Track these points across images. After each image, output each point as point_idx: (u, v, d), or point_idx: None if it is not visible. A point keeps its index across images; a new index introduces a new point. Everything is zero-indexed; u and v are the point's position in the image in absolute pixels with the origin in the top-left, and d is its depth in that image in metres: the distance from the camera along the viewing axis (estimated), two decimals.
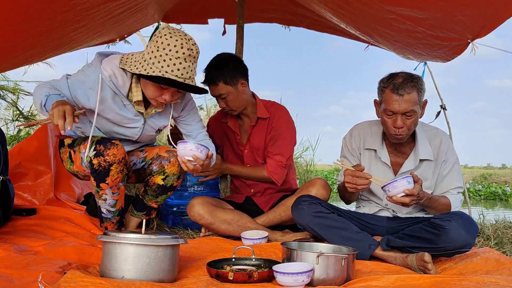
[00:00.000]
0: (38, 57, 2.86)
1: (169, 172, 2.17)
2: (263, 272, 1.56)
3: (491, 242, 2.44)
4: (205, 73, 2.49)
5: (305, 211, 2.09)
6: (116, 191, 2.07)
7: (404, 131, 2.01)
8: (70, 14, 2.18)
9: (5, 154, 2.37)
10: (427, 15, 2.40)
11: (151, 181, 2.21)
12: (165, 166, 2.17)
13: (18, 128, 4.74)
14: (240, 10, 3.39)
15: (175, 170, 2.17)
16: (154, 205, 2.30)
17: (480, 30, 2.52)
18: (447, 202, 2.08)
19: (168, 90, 1.94)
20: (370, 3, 2.47)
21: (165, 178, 2.18)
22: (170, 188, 2.23)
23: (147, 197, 2.26)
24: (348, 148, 2.27)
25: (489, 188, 10.49)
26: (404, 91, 1.94)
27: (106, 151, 1.94)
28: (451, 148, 2.17)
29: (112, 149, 1.95)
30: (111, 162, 1.95)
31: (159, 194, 2.24)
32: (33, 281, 1.39)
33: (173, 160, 2.16)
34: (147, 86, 1.95)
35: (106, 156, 1.94)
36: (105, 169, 1.96)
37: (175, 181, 2.21)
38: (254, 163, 2.64)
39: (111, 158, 1.95)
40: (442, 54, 3.01)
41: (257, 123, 2.60)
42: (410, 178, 1.84)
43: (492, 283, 1.45)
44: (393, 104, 1.97)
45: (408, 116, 1.98)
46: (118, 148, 1.97)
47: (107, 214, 2.14)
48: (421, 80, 2.03)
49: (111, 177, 2.00)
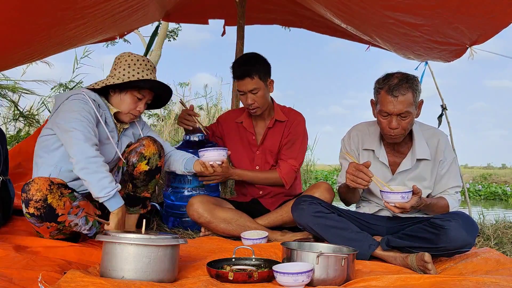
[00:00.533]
0: (37, 55, 2.86)
1: (148, 153, 2.18)
2: (263, 272, 1.56)
3: (491, 242, 2.44)
4: (238, 68, 2.51)
5: (305, 211, 2.09)
6: (76, 210, 1.91)
7: (399, 131, 2.01)
8: (71, 11, 2.18)
9: (5, 154, 2.37)
10: (424, 21, 2.41)
11: (136, 172, 2.20)
12: (142, 151, 2.18)
13: (17, 128, 4.74)
14: (241, 10, 3.39)
15: (153, 149, 2.19)
16: (147, 195, 2.30)
17: (477, 37, 2.53)
18: (445, 204, 2.08)
19: (142, 101, 2.14)
20: (368, 7, 2.48)
21: (148, 161, 2.19)
22: (156, 170, 2.24)
23: (138, 189, 2.26)
24: (346, 149, 2.28)
25: (489, 188, 10.49)
26: (399, 92, 1.94)
27: (28, 193, 1.79)
28: (449, 147, 2.17)
29: (31, 186, 1.79)
30: (44, 198, 1.79)
31: (148, 181, 2.25)
32: (33, 281, 1.38)
33: (146, 141, 2.19)
34: (124, 100, 2.11)
35: (32, 197, 1.78)
36: (45, 208, 1.81)
37: (158, 160, 2.23)
38: (264, 165, 2.65)
39: (39, 194, 1.78)
40: (442, 56, 3.02)
41: (274, 125, 2.63)
42: (407, 193, 1.85)
43: (492, 283, 1.45)
44: (388, 105, 1.97)
45: (403, 117, 1.98)
46: (35, 182, 1.81)
47: (90, 232, 2.00)
48: (417, 80, 2.02)
49: (59, 208, 1.83)
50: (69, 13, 2.18)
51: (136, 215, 2.31)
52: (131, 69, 2.08)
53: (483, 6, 2.13)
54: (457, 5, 2.16)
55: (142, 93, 2.13)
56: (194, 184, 2.70)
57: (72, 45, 3.01)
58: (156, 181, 2.30)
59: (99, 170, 1.86)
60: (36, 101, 5.10)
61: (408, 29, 2.57)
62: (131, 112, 2.14)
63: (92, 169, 1.85)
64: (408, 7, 2.27)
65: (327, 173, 10.13)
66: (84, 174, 1.86)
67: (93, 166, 1.86)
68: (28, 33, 2.24)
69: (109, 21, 2.77)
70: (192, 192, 2.69)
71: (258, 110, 2.55)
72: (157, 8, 3.37)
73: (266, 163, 2.65)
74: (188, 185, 2.69)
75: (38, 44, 2.50)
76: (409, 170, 2.14)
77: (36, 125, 4.69)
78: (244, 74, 2.47)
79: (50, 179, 1.84)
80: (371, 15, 2.60)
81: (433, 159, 2.13)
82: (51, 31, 2.35)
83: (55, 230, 1.92)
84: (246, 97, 2.51)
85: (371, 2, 2.40)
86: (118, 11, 2.60)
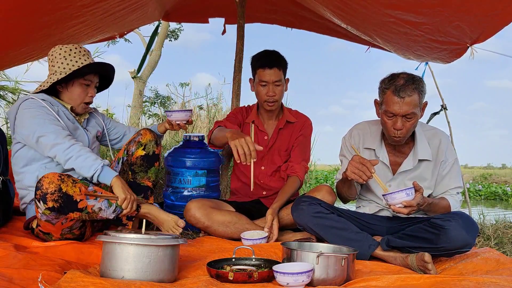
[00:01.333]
0: (36, 54, 2.86)
1: (145, 140, 2.26)
2: (263, 272, 1.56)
3: (491, 242, 2.44)
4: (267, 57, 2.55)
5: (304, 211, 2.09)
6: (93, 196, 1.90)
7: (403, 133, 2.01)
8: (70, 10, 2.18)
9: (5, 154, 2.36)
10: (425, 20, 2.41)
11: (133, 158, 2.26)
12: (140, 140, 2.26)
13: None
14: (241, 10, 3.39)
15: (149, 137, 2.27)
16: (148, 183, 2.32)
17: (478, 36, 2.52)
18: (446, 204, 2.08)
19: (91, 86, 2.18)
20: (369, 6, 2.47)
21: (144, 147, 2.26)
22: (153, 157, 2.28)
23: (137, 176, 2.28)
24: (347, 147, 2.27)
25: (489, 188, 10.50)
26: (405, 93, 1.94)
27: (42, 188, 1.78)
28: (450, 148, 2.17)
29: (43, 182, 1.79)
30: (60, 188, 1.79)
31: (146, 167, 2.28)
32: (33, 280, 1.38)
33: (143, 131, 2.29)
34: (73, 92, 2.14)
35: (47, 190, 1.77)
36: (62, 198, 1.80)
37: (155, 147, 2.28)
38: (270, 165, 2.65)
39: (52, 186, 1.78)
40: (442, 56, 3.01)
41: (285, 126, 2.65)
42: (410, 189, 1.83)
43: (492, 283, 1.45)
44: (394, 106, 1.97)
45: (408, 118, 1.98)
46: (45, 177, 1.81)
47: (114, 213, 1.97)
48: (422, 82, 2.02)
49: (76, 194, 1.84)
50: (68, 11, 2.19)
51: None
52: (68, 60, 2.10)
53: (485, 3, 2.12)
54: (459, 3, 2.15)
55: (88, 79, 2.15)
56: (194, 184, 2.70)
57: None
58: (155, 169, 2.33)
59: (80, 154, 1.94)
60: None
61: (408, 28, 2.56)
62: (84, 100, 2.18)
63: (73, 156, 1.94)
64: (408, 5, 2.26)
65: (327, 173, 10.13)
66: (69, 164, 1.94)
67: (73, 153, 1.94)
68: (26, 31, 2.24)
69: (108, 20, 2.77)
70: (192, 192, 2.68)
71: (275, 104, 2.57)
72: (156, 7, 3.37)
73: (273, 163, 2.65)
74: (188, 185, 2.69)
75: (37, 42, 2.50)
76: (410, 171, 2.14)
77: None
78: (274, 63, 2.51)
79: (57, 173, 1.85)
80: (372, 14, 2.60)
81: (434, 160, 2.13)
82: (50, 30, 2.35)
83: (67, 228, 1.92)
84: (268, 88, 2.52)
85: (372, 1, 2.39)
86: (116, 10, 2.60)
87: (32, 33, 2.31)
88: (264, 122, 2.69)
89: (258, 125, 2.66)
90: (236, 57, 3.39)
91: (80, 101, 2.17)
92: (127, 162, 2.29)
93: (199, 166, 2.69)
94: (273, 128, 2.67)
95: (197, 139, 2.77)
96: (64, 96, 2.16)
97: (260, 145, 2.62)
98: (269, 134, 2.67)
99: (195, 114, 6.58)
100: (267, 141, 2.65)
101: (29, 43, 2.47)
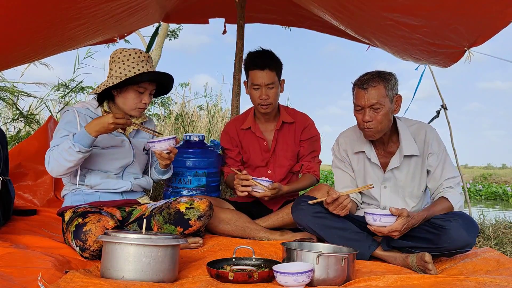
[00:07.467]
0: (36, 55, 2.85)
1: (196, 205, 2.05)
2: (263, 272, 1.56)
3: (491, 242, 2.44)
4: (259, 57, 2.45)
5: (304, 211, 2.09)
6: None
7: (373, 124, 2.02)
8: (70, 11, 2.18)
9: (5, 154, 2.37)
10: (423, 23, 2.40)
11: (172, 205, 2.06)
12: (194, 200, 2.08)
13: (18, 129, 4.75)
14: (241, 11, 3.40)
15: (202, 207, 2.05)
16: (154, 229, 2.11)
17: (476, 39, 2.52)
18: (447, 206, 2.02)
19: (145, 93, 2.12)
20: (366, 8, 2.47)
21: (190, 207, 2.04)
22: (184, 222, 2.02)
23: (156, 217, 2.08)
24: (337, 157, 2.28)
25: (489, 188, 10.49)
26: (369, 85, 1.99)
27: (85, 243, 1.80)
28: (436, 139, 2.13)
29: (88, 237, 1.80)
30: (100, 246, 1.77)
31: (170, 222, 2.03)
32: (33, 279, 1.38)
33: (204, 199, 2.10)
34: (127, 97, 2.11)
35: (90, 248, 1.80)
36: (99, 250, 1.78)
37: (195, 218, 2.03)
38: (276, 168, 2.63)
39: (96, 245, 1.79)
40: (440, 60, 3.00)
41: (281, 127, 2.62)
42: (377, 216, 1.84)
43: (492, 283, 1.45)
44: (359, 98, 2.02)
45: (375, 109, 2.00)
46: (92, 232, 1.81)
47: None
48: (391, 75, 2.04)
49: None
50: (68, 12, 2.18)
51: None
52: (126, 65, 2.07)
53: (482, 6, 2.12)
54: (456, 6, 2.16)
55: (142, 86, 2.10)
56: (194, 184, 2.70)
57: (71, 46, 3.01)
58: (172, 230, 2.05)
59: (53, 149, 1.97)
60: (36, 101, 5.10)
61: (406, 31, 2.56)
62: (138, 106, 2.13)
63: (51, 156, 1.96)
64: (406, 8, 2.26)
65: (327, 173, 10.13)
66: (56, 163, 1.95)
67: (50, 153, 1.97)
68: (26, 32, 2.24)
69: (108, 22, 2.77)
70: (192, 192, 2.69)
71: (270, 107, 2.51)
72: (156, 9, 3.37)
73: (280, 166, 2.63)
74: (188, 185, 2.69)
75: (36, 44, 2.49)
76: (400, 168, 2.13)
77: (36, 125, 4.69)
78: (266, 65, 2.42)
79: (104, 227, 1.81)
80: (370, 16, 2.60)
81: (422, 154, 2.12)
82: (49, 31, 2.35)
83: None
84: (261, 91, 2.45)
85: (369, 3, 2.39)
86: (117, 12, 2.60)
87: (31, 35, 2.30)
88: (264, 127, 2.65)
89: (255, 131, 2.62)
90: (236, 57, 3.40)
91: (133, 108, 2.13)
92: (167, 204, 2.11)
93: (199, 166, 2.69)
94: (272, 131, 2.64)
95: (197, 139, 2.77)
96: (118, 100, 2.13)
97: (261, 150, 2.64)
98: (268, 138, 2.64)
99: (195, 114, 6.59)
100: (267, 146, 2.63)
101: (28, 45, 2.47)
